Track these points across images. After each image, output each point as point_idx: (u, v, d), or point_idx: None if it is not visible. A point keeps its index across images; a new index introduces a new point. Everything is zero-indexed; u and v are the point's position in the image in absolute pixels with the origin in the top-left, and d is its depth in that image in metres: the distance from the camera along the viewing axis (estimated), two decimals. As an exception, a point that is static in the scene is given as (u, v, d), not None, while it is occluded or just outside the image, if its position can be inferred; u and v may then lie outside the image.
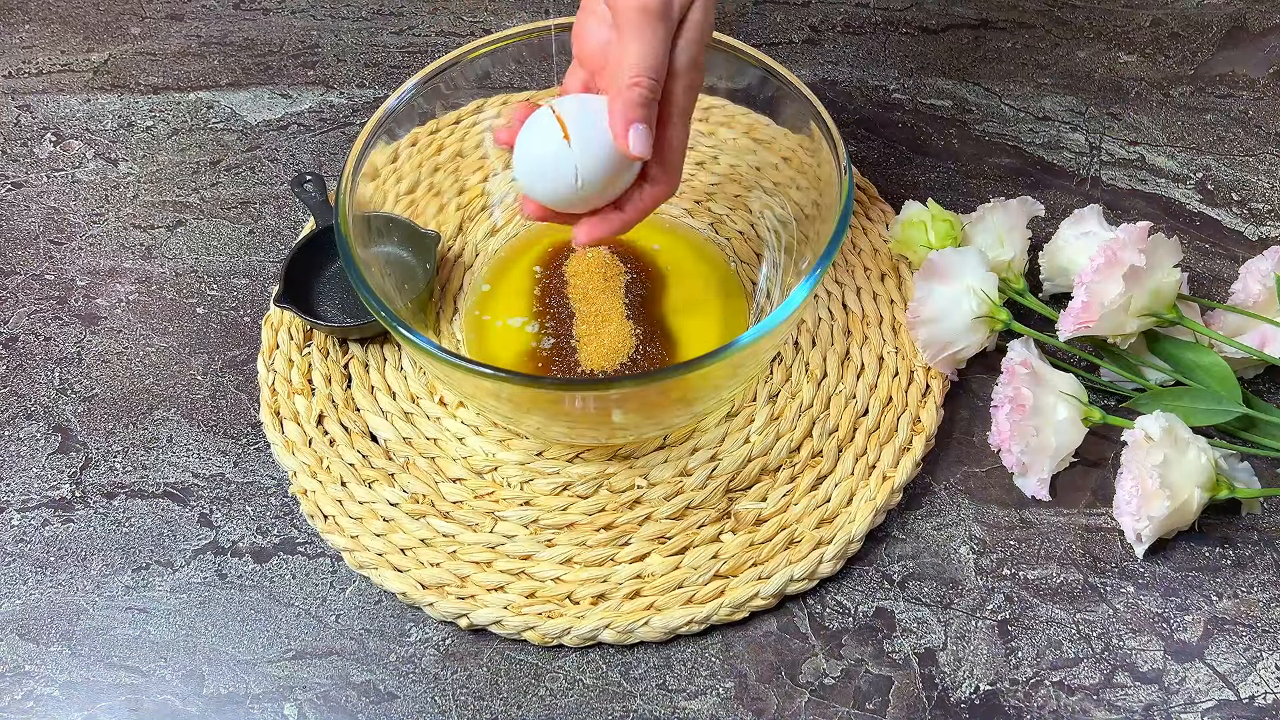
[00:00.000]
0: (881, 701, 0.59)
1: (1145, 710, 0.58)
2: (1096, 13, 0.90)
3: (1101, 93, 0.85)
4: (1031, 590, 0.62)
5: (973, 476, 0.67)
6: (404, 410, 0.69)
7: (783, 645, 0.61)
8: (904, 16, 0.91)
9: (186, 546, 0.65)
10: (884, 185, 0.79)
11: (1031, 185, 0.80)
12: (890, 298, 0.72)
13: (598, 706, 0.59)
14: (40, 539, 0.65)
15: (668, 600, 0.61)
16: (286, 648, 0.61)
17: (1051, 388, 0.64)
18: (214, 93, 0.87)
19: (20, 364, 0.73)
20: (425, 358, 0.55)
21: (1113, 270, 0.63)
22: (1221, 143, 0.82)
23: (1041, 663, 0.60)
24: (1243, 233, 0.77)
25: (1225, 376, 0.65)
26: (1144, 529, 0.61)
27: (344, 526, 0.64)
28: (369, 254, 0.61)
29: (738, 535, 0.63)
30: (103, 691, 0.60)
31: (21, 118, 0.86)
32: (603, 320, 0.68)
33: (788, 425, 0.67)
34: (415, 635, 0.62)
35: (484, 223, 0.75)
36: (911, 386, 0.68)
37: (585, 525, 0.64)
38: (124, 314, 0.75)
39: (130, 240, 0.79)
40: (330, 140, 0.84)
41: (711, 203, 0.76)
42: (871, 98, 0.85)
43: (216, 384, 0.71)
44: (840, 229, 0.57)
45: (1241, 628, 0.61)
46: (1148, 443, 0.60)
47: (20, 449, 0.69)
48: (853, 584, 0.63)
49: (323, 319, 0.71)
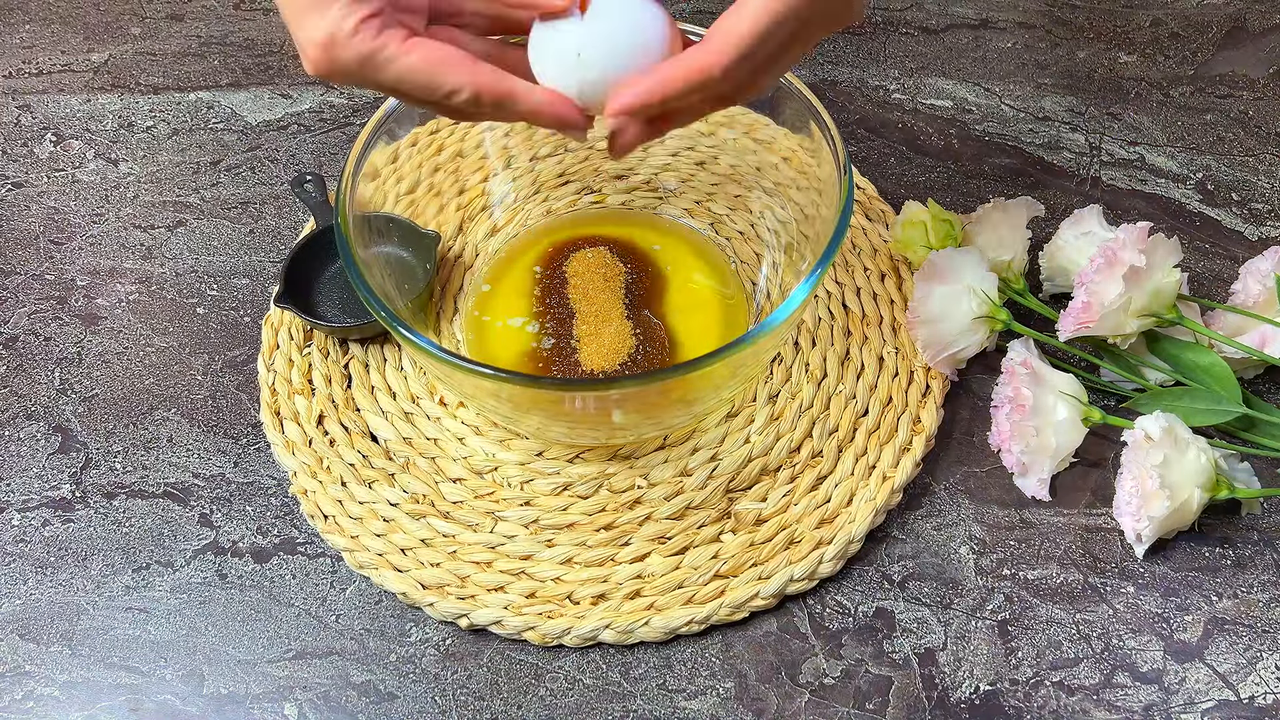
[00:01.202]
0: (881, 701, 0.59)
1: (1145, 710, 0.58)
2: (1096, 13, 0.90)
3: (1101, 93, 0.85)
4: (1031, 590, 0.62)
5: (973, 476, 0.67)
6: (404, 410, 0.69)
7: (783, 645, 0.61)
8: (904, 16, 0.91)
9: (186, 546, 0.65)
10: (884, 185, 0.79)
11: (1031, 185, 0.80)
12: (890, 298, 0.72)
13: (598, 706, 0.59)
14: (40, 539, 0.65)
15: (668, 600, 0.61)
16: (286, 648, 0.61)
17: (1051, 388, 0.64)
18: (214, 93, 0.87)
19: (20, 364, 0.73)
20: (425, 358, 0.55)
21: (1113, 270, 0.63)
22: (1221, 143, 0.82)
23: (1041, 663, 0.60)
24: (1243, 233, 0.77)
25: (1225, 376, 0.65)
26: (1144, 529, 0.61)
27: (344, 526, 0.64)
28: (369, 254, 0.61)
29: (738, 535, 0.63)
30: (103, 691, 0.60)
31: (21, 118, 0.86)
32: (603, 320, 0.69)
33: (788, 425, 0.67)
34: (415, 635, 0.62)
35: (484, 223, 0.75)
36: (911, 386, 0.68)
37: (585, 525, 0.64)
38: (124, 314, 0.75)
39: (130, 240, 0.79)
40: (330, 140, 0.84)
41: (711, 203, 0.76)
42: (871, 98, 0.85)
43: (216, 384, 0.71)
44: (840, 229, 0.57)
45: (1241, 628, 0.61)
46: (1148, 443, 0.60)
47: (20, 449, 0.69)
48: (853, 584, 0.63)
49: (323, 319, 0.71)
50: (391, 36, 0.47)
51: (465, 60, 0.48)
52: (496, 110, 0.49)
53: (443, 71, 0.48)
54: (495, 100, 0.49)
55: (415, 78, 0.47)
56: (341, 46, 0.47)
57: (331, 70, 0.48)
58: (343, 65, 0.47)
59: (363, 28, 0.46)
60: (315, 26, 0.47)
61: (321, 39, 0.47)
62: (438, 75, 0.47)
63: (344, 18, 0.46)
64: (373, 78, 0.48)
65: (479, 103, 0.48)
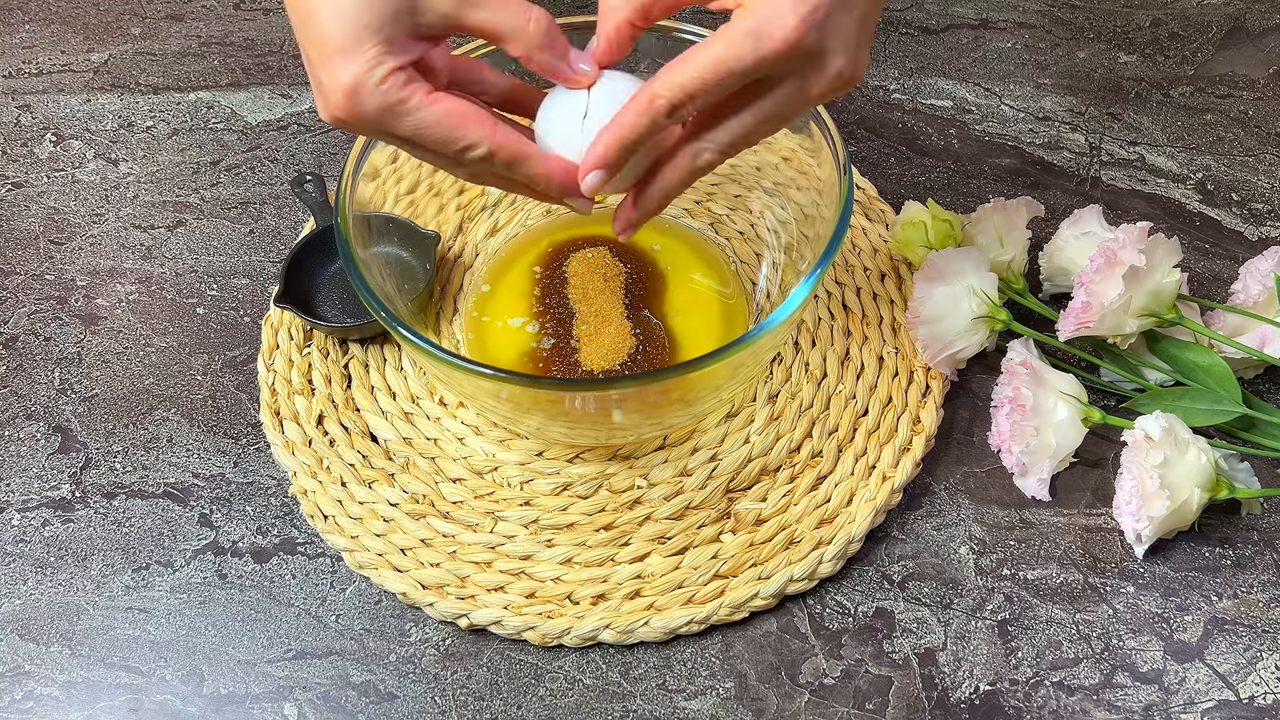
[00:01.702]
0: (881, 701, 0.59)
1: (1145, 710, 0.58)
2: (1096, 13, 0.90)
3: (1101, 93, 0.85)
4: (1031, 590, 0.62)
5: (973, 476, 0.67)
6: (404, 410, 0.69)
7: (783, 645, 0.61)
8: (904, 16, 0.91)
9: (186, 546, 0.65)
10: (884, 185, 0.79)
11: (1031, 185, 0.80)
12: (890, 298, 0.72)
13: (598, 706, 0.59)
14: (40, 539, 0.65)
15: (668, 600, 0.61)
16: (286, 648, 0.61)
17: (1051, 388, 0.64)
18: (214, 93, 0.87)
19: (20, 364, 0.73)
20: (425, 358, 0.55)
21: (1112, 270, 0.63)
22: (1221, 143, 0.82)
23: (1041, 663, 0.60)
24: (1243, 233, 0.77)
25: (1225, 377, 0.65)
26: (1144, 529, 0.61)
27: (344, 527, 0.64)
28: (369, 254, 0.61)
29: (738, 535, 0.63)
30: (103, 691, 0.60)
31: (21, 118, 0.86)
32: (603, 320, 0.69)
33: (788, 425, 0.67)
34: (415, 635, 0.62)
35: (484, 223, 0.75)
36: (911, 386, 0.68)
37: (585, 525, 0.64)
38: (124, 314, 0.75)
39: (130, 240, 0.79)
40: (330, 140, 0.84)
41: (711, 203, 0.76)
42: (871, 98, 0.85)
43: (216, 384, 0.71)
44: (840, 229, 0.57)
45: (1241, 628, 0.61)
46: (1148, 443, 0.60)
47: (20, 449, 0.69)
48: (853, 584, 0.63)
49: (323, 319, 0.71)
50: (417, 89, 0.48)
51: (487, 117, 0.49)
52: (507, 169, 0.50)
53: (465, 125, 0.48)
54: (509, 159, 0.50)
55: (436, 129, 0.48)
56: (367, 94, 0.47)
57: (352, 115, 0.48)
58: (364, 112, 0.48)
59: (391, 78, 0.47)
60: (343, 70, 0.47)
61: (348, 84, 0.47)
62: (460, 129, 0.48)
63: (374, 66, 0.47)
64: (390, 126, 0.48)
65: (492, 160, 0.49)
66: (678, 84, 0.47)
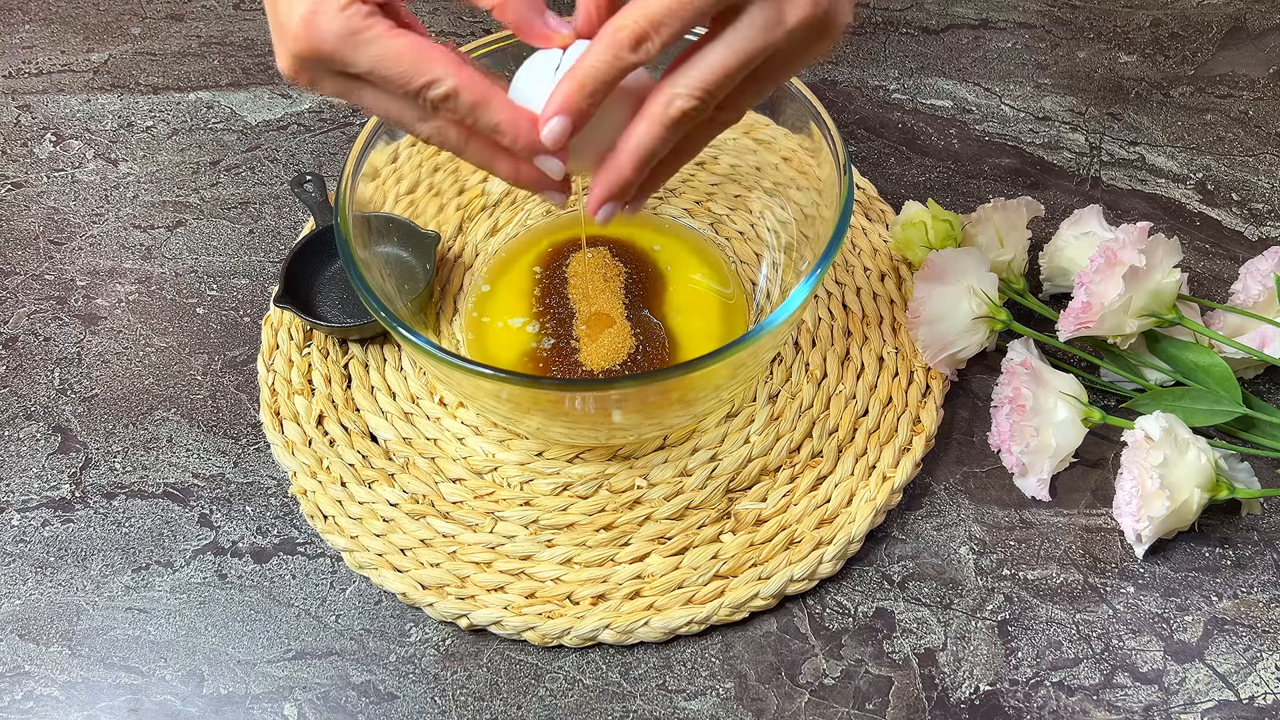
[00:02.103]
0: (881, 702, 0.59)
1: (1145, 710, 0.58)
2: (1096, 13, 0.90)
3: (1101, 93, 0.85)
4: (1031, 590, 0.62)
5: (973, 476, 0.67)
6: (404, 410, 0.69)
7: (783, 645, 0.61)
8: (904, 16, 0.91)
9: (186, 547, 0.65)
10: (884, 185, 0.79)
11: (1031, 185, 0.80)
12: (890, 298, 0.72)
13: (598, 707, 0.59)
14: (40, 539, 0.65)
15: (668, 600, 0.61)
16: (286, 648, 0.61)
17: (1051, 388, 0.64)
18: (214, 93, 0.87)
19: (20, 364, 0.73)
20: (425, 358, 0.55)
21: (1112, 270, 0.63)
22: (1221, 143, 0.82)
23: (1041, 663, 0.60)
24: (1243, 233, 0.77)
25: (1225, 377, 0.65)
26: (1144, 529, 0.61)
27: (344, 527, 0.64)
28: (369, 254, 0.61)
29: (738, 535, 0.63)
30: (103, 691, 0.60)
31: (21, 118, 0.86)
32: (603, 320, 0.69)
33: (788, 426, 0.67)
34: (415, 635, 0.62)
35: (484, 223, 0.75)
36: (911, 387, 0.68)
37: (585, 525, 0.64)
38: (124, 314, 0.75)
39: (130, 240, 0.79)
40: (330, 140, 0.84)
41: (711, 203, 0.76)
42: (871, 98, 0.85)
43: (216, 384, 0.71)
44: (840, 229, 0.57)
45: (1241, 628, 0.61)
46: (1148, 443, 0.60)
47: (20, 449, 0.69)
48: (853, 584, 0.63)
49: (323, 319, 0.71)
50: (379, 21, 0.45)
51: (453, 57, 0.46)
52: (471, 113, 0.47)
53: (429, 59, 0.45)
54: (474, 101, 0.46)
55: (397, 62, 0.45)
56: (327, 18, 0.45)
57: (309, 46, 0.45)
58: (322, 38, 0.45)
59: (353, 6, 0.45)
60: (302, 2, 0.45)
61: (307, 10, 0.45)
62: (423, 61, 0.45)
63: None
64: (348, 56, 0.45)
65: (456, 100, 0.46)
66: (641, 13, 0.44)
